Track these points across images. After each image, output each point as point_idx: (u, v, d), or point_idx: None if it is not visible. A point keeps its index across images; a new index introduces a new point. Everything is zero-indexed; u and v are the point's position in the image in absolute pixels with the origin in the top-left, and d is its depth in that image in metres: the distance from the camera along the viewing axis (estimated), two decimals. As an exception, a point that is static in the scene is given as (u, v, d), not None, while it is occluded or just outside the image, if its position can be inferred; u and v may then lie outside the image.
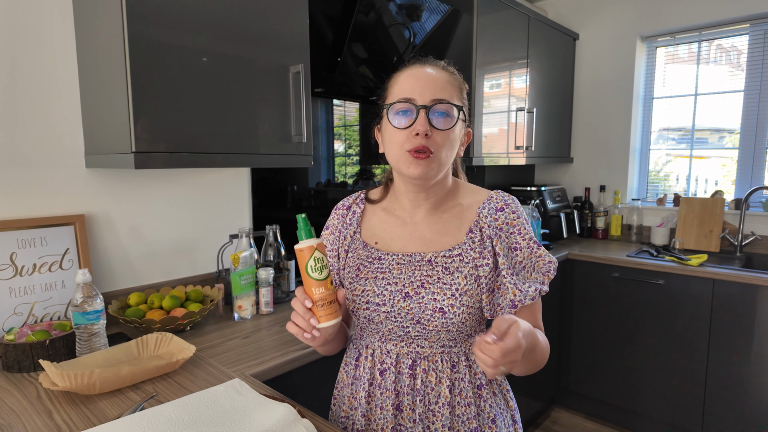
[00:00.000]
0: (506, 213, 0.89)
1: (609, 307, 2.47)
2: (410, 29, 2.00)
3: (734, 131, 2.66)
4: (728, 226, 2.57)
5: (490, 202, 0.90)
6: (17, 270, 1.23)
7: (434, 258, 0.87)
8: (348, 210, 0.99)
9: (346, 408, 0.93)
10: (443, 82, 0.84)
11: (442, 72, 0.86)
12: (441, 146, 0.83)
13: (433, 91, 0.83)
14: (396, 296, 0.86)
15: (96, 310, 1.10)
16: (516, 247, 0.88)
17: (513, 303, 0.85)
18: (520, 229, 0.88)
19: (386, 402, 0.87)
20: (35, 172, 1.29)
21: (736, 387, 2.12)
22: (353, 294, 0.90)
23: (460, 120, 0.86)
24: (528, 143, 2.63)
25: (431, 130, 0.82)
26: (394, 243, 0.91)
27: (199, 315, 1.35)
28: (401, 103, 0.83)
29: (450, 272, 0.85)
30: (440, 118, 0.83)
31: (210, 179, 1.66)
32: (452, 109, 0.84)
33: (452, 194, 0.94)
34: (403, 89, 0.84)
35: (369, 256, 0.91)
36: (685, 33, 2.73)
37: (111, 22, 1.11)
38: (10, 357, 1.08)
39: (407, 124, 0.83)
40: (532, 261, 0.88)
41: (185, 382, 1.02)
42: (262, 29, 1.32)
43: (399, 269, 0.88)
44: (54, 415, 0.89)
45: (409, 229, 0.92)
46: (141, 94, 1.09)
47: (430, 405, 0.87)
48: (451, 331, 0.85)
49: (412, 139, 0.82)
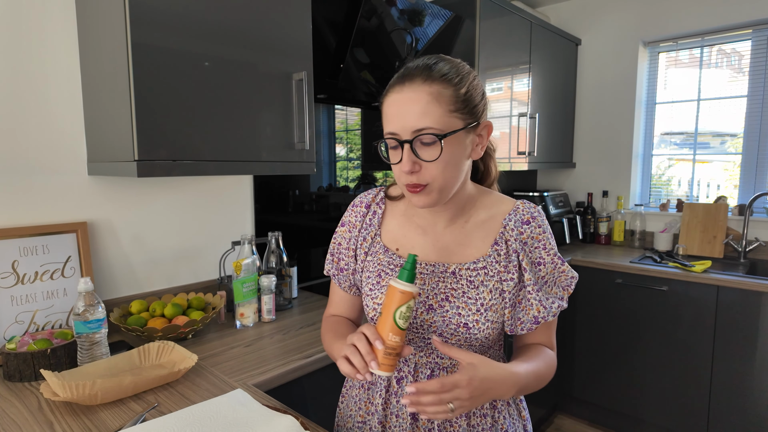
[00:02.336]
0: (532, 227, 0.85)
1: (612, 314, 2.46)
2: (412, 34, 2.00)
3: (736, 135, 2.65)
4: (732, 231, 2.56)
5: (516, 214, 0.86)
6: (19, 278, 1.23)
7: (458, 270, 0.84)
8: (368, 209, 0.94)
9: (363, 413, 0.91)
10: (424, 104, 0.76)
11: (423, 90, 0.76)
12: (436, 175, 0.77)
13: (414, 120, 0.76)
14: (419, 308, 0.84)
15: (98, 318, 1.09)
16: (540, 261, 0.85)
17: (536, 320, 0.84)
18: (545, 243, 0.85)
19: (402, 410, 0.86)
20: (37, 179, 1.29)
21: (741, 394, 2.10)
22: (374, 302, 0.88)
23: (451, 140, 0.77)
24: (530, 148, 2.62)
25: (419, 163, 0.77)
26: (415, 251, 0.88)
27: (201, 323, 1.34)
28: (389, 139, 0.79)
29: (475, 286, 0.83)
30: (425, 147, 0.77)
31: (212, 186, 1.66)
32: (433, 138, 0.76)
33: (474, 202, 0.89)
34: (388, 121, 0.79)
35: (390, 263, 0.88)
36: (688, 38, 2.73)
37: (114, 28, 1.11)
38: (11, 366, 1.07)
39: (395, 159, 0.79)
40: (554, 276, 0.85)
41: (187, 392, 1.01)
42: (265, 36, 1.32)
43: (422, 279, 0.85)
44: (55, 426, 0.88)
45: (430, 238, 0.88)
46: (144, 102, 1.09)
47: None
48: (474, 345, 0.84)
49: (403, 176, 0.79)
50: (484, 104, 0.83)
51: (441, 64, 0.80)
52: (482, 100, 0.83)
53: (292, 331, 1.42)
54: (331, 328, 0.96)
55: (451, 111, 0.77)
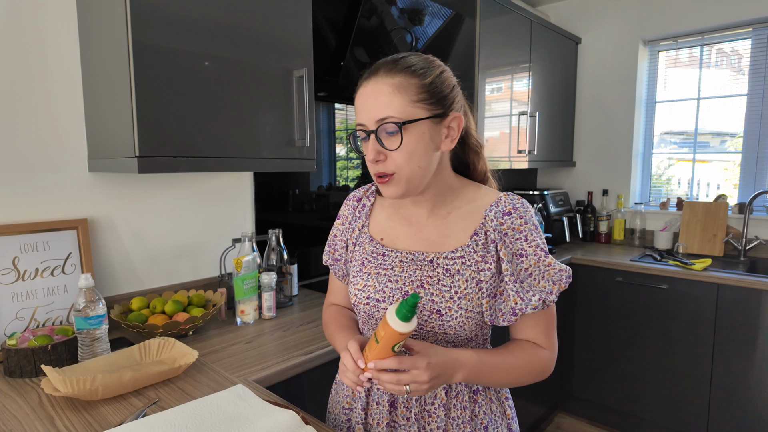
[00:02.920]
0: (513, 217, 0.84)
1: (612, 312, 2.46)
2: (412, 33, 2.00)
3: (736, 135, 2.66)
4: (732, 230, 2.56)
5: (498, 205, 0.86)
6: (20, 274, 1.23)
7: (436, 259, 0.86)
8: (358, 202, 0.99)
9: (349, 400, 0.93)
10: (387, 94, 0.78)
11: (385, 82, 0.79)
12: (401, 164, 0.80)
13: (378, 111, 0.79)
14: (396, 294, 0.86)
15: (98, 315, 1.10)
16: (522, 253, 0.84)
17: (514, 311, 0.83)
18: (527, 235, 0.84)
19: (382, 397, 0.88)
20: (38, 176, 1.29)
21: (742, 392, 2.10)
22: (355, 288, 0.91)
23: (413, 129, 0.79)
24: (530, 147, 2.62)
25: (384, 152, 0.80)
26: (399, 241, 0.91)
27: (201, 320, 1.34)
28: (358, 131, 0.83)
29: (451, 274, 0.84)
30: (388, 136, 0.79)
31: (213, 183, 1.66)
32: (393, 126, 0.78)
33: (457, 194, 0.90)
34: (357, 113, 0.83)
35: (374, 251, 0.92)
36: (688, 37, 2.73)
37: (115, 26, 1.11)
38: (12, 362, 1.07)
39: (366, 151, 0.82)
40: (540, 269, 0.84)
41: (188, 388, 1.01)
42: (266, 34, 1.32)
43: (401, 267, 0.87)
44: (56, 421, 0.88)
45: (414, 228, 0.91)
46: (145, 98, 1.09)
47: (425, 405, 0.87)
48: (449, 333, 0.84)
49: (372, 165, 0.82)
50: (454, 97, 0.84)
51: (408, 58, 0.82)
52: (451, 93, 0.83)
53: (293, 328, 1.42)
54: (332, 318, 1.00)
55: (414, 101, 0.79)
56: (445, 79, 0.83)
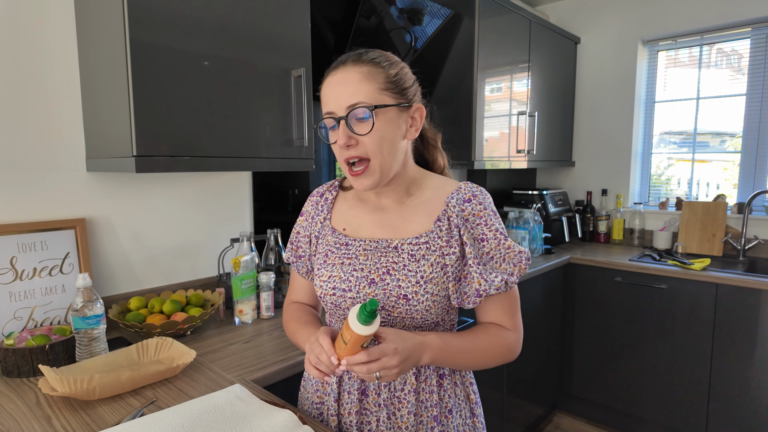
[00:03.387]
0: (473, 204, 0.88)
1: (611, 312, 2.46)
2: (411, 33, 2.00)
3: (736, 135, 2.66)
4: (731, 230, 2.56)
5: (459, 193, 0.89)
6: (17, 274, 1.23)
7: (400, 245, 0.88)
8: (321, 197, 1.01)
9: (320, 394, 0.94)
10: (355, 82, 0.82)
11: (354, 70, 0.83)
12: (374, 149, 0.82)
13: (347, 97, 0.82)
14: (362, 282, 0.87)
15: (96, 314, 1.09)
16: (483, 238, 0.88)
17: (478, 293, 0.86)
18: (487, 220, 0.88)
19: (353, 387, 0.89)
20: (36, 175, 1.29)
21: (740, 392, 2.10)
22: (320, 280, 0.92)
23: (383, 115, 0.82)
24: (530, 147, 2.62)
25: (356, 137, 0.82)
26: (362, 229, 0.92)
27: (199, 319, 1.34)
28: (325, 118, 0.85)
29: (416, 260, 0.86)
30: (359, 122, 0.82)
31: (211, 183, 1.66)
32: (365, 111, 0.81)
33: (420, 184, 0.93)
34: (325, 103, 0.85)
35: (337, 242, 0.93)
36: (687, 37, 2.73)
37: (112, 25, 1.11)
38: (9, 362, 1.07)
39: (334, 138, 0.84)
40: (501, 252, 0.87)
41: (186, 388, 1.01)
42: (264, 33, 1.32)
43: (366, 255, 0.89)
44: (53, 420, 0.88)
45: (377, 215, 0.93)
46: (142, 98, 1.09)
47: (395, 391, 0.88)
48: (416, 318, 0.86)
49: (343, 151, 0.84)
50: (416, 90, 0.89)
51: (372, 52, 0.86)
52: (413, 86, 0.89)
53: (291, 328, 1.42)
54: (293, 316, 1.01)
55: (382, 89, 0.83)
56: (406, 73, 0.88)
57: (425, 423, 0.88)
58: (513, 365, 2.19)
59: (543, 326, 2.42)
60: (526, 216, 2.54)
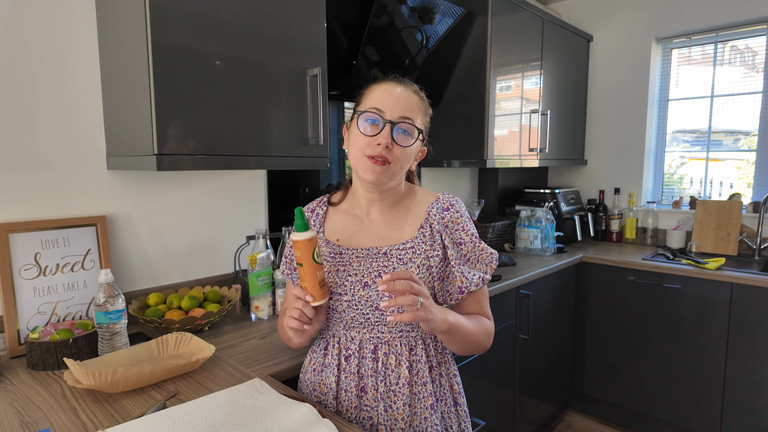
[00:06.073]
0: (451, 212, 1.01)
1: (624, 311, 2.45)
2: (422, 32, 2.00)
3: (750, 133, 2.63)
4: (746, 229, 2.54)
5: (438, 203, 1.02)
6: (41, 270, 1.26)
7: (389, 251, 0.98)
8: (312, 212, 1.09)
9: (317, 394, 1.01)
10: (411, 103, 0.95)
11: (412, 95, 0.97)
12: (398, 159, 0.94)
13: (402, 110, 0.93)
14: (356, 286, 0.96)
15: (118, 309, 1.12)
16: (461, 242, 1.00)
17: (461, 289, 0.97)
18: (463, 226, 1.01)
19: (350, 385, 0.96)
20: (58, 174, 1.32)
21: (755, 393, 2.09)
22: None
23: (419, 140, 0.97)
24: (541, 145, 2.62)
25: (392, 144, 0.93)
26: (353, 239, 1.01)
27: (217, 315, 1.36)
28: (371, 112, 0.94)
29: (404, 263, 0.96)
30: (402, 135, 0.94)
31: (227, 181, 1.68)
32: (414, 130, 0.95)
33: (405, 197, 1.05)
34: (376, 100, 0.95)
35: (331, 252, 1.01)
36: (702, 34, 2.71)
37: (134, 27, 1.13)
38: (35, 355, 1.10)
39: (372, 132, 0.93)
40: (476, 254, 1.01)
41: (206, 382, 1.03)
42: (281, 33, 1.33)
43: (358, 262, 0.98)
44: (79, 412, 0.91)
45: (366, 226, 1.02)
46: (164, 98, 1.11)
47: (391, 385, 0.95)
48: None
49: (374, 147, 0.93)
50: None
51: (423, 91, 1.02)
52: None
53: (306, 325, 1.43)
54: None
55: (423, 123, 0.99)
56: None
57: (419, 413, 0.96)
58: (525, 364, 2.19)
59: (555, 325, 2.42)
60: (538, 215, 2.53)
